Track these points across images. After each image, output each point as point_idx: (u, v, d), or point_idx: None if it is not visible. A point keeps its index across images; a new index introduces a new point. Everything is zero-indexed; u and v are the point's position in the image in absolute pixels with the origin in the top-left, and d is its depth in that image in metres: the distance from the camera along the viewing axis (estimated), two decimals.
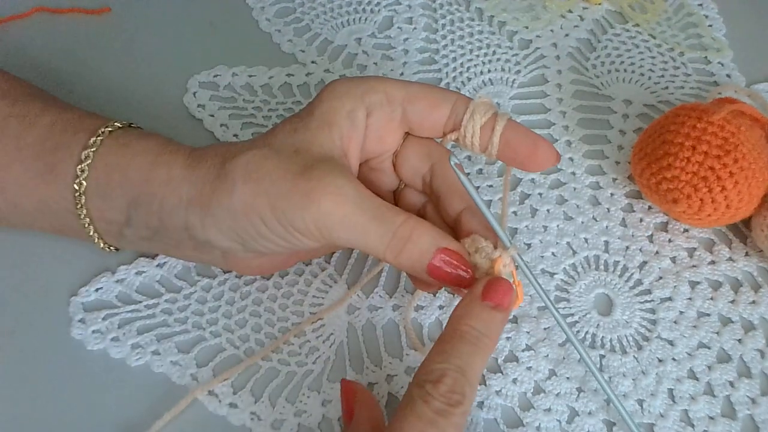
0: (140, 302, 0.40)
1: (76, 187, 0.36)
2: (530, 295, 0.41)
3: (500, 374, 0.38)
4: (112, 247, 0.39)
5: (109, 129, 0.37)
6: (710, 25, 0.54)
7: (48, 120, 0.38)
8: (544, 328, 0.40)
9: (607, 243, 0.43)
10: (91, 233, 0.37)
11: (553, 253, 0.43)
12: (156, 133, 0.38)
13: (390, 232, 0.32)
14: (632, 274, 0.42)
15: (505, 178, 0.37)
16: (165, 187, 0.35)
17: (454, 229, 0.36)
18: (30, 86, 0.41)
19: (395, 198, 0.39)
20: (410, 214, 0.33)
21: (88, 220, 0.37)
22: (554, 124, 0.49)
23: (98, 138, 0.36)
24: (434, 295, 0.41)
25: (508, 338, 0.39)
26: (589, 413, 0.37)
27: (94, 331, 0.39)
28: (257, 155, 0.34)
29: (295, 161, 0.33)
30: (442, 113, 0.36)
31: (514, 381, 0.38)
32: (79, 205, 0.36)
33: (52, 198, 0.37)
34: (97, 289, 0.41)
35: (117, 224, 0.37)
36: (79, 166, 0.36)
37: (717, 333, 0.40)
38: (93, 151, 0.36)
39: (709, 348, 0.39)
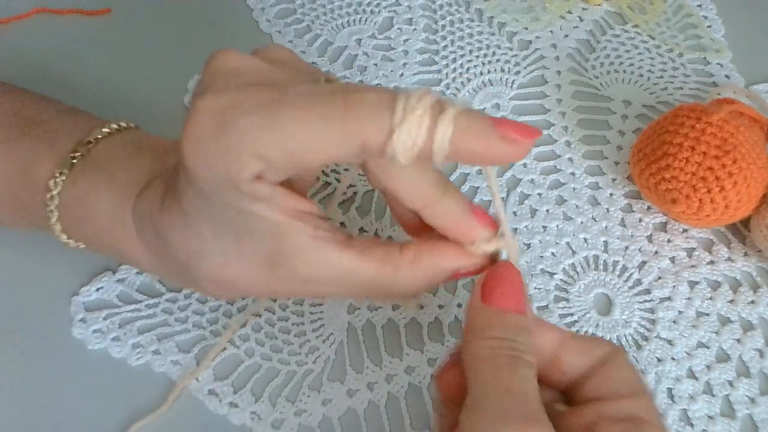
0: (141, 302, 0.40)
1: (57, 231, 0.35)
2: (530, 295, 0.41)
3: None
4: None
5: (66, 172, 0.34)
6: (709, 26, 0.54)
7: (20, 152, 0.35)
8: None
9: (606, 243, 0.43)
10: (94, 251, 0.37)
11: (552, 253, 0.43)
12: (109, 171, 0.35)
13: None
14: (631, 274, 0.42)
15: (489, 177, 0.31)
16: (128, 257, 0.34)
17: (413, 222, 0.32)
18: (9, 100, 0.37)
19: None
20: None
21: (83, 246, 0.36)
22: (554, 124, 0.49)
23: (56, 191, 0.34)
24: (434, 295, 0.41)
25: None
26: None
27: (94, 331, 0.39)
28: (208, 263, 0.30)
29: (253, 258, 0.30)
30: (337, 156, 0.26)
31: None
32: (70, 240, 0.36)
33: (45, 229, 0.36)
34: (98, 289, 0.41)
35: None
36: (51, 220, 0.35)
37: (716, 333, 0.40)
38: (56, 206, 0.34)
39: (708, 347, 0.39)
